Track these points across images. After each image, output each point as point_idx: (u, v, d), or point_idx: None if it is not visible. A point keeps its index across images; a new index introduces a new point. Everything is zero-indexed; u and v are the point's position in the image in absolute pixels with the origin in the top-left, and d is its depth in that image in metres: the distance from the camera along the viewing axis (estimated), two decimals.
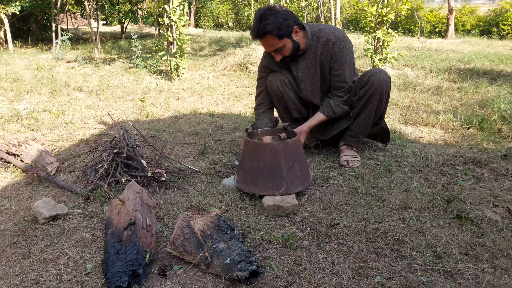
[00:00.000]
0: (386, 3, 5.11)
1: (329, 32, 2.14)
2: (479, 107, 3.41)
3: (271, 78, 2.32)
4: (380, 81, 2.11)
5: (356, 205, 1.76)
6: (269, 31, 1.99)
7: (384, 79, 2.12)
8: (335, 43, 2.11)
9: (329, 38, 2.12)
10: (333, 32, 2.14)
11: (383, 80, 2.12)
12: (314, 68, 2.21)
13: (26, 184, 2.03)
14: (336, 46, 2.12)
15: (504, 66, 5.73)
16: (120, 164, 1.96)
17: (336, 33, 2.13)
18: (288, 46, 2.08)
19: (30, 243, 1.50)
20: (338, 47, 2.12)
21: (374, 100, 2.15)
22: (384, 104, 2.22)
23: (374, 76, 2.12)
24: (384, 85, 2.12)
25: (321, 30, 2.15)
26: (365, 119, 2.22)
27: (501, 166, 2.13)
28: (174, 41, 5.05)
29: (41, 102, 3.80)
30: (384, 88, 2.13)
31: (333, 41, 2.11)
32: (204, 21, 19.42)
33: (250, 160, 1.83)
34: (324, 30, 2.15)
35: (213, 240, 1.36)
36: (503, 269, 1.31)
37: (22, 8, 8.43)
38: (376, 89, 2.12)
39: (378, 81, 2.11)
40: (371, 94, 2.13)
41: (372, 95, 2.13)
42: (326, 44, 2.13)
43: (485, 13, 13.46)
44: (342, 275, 1.29)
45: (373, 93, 2.13)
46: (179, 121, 3.23)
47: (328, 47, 2.13)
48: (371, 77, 2.12)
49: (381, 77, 2.12)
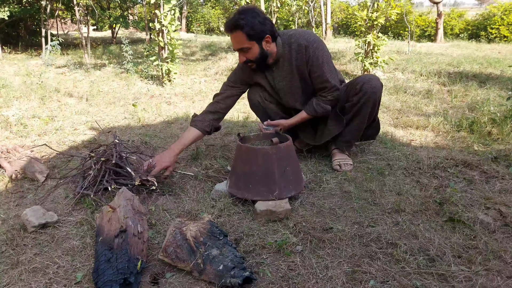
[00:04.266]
0: (376, 7, 5.15)
1: (299, 37, 2.10)
2: (469, 110, 3.44)
3: (250, 94, 2.34)
4: (373, 88, 2.11)
5: (349, 209, 1.76)
6: (240, 27, 1.95)
7: (378, 86, 2.12)
8: (307, 46, 2.07)
9: (301, 42, 2.08)
10: (303, 36, 2.09)
11: (377, 87, 2.12)
12: (291, 75, 2.17)
13: (14, 192, 1.99)
14: (309, 49, 2.07)
15: (492, 69, 5.80)
16: (108, 172, 1.93)
17: (306, 36, 2.09)
18: (254, 50, 2.03)
19: (18, 252, 1.47)
20: (311, 49, 2.07)
21: (368, 107, 2.15)
22: (376, 109, 2.23)
23: (368, 84, 2.11)
24: (377, 92, 2.12)
25: (291, 36, 2.11)
26: (359, 125, 2.22)
27: (491, 168, 2.14)
28: (165, 46, 5.03)
29: (31, 108, 3.75)
30: (377, 95, 2.13)
31: (305, 44, 2.07)
32: (196, 26, 19.43)
33: (243, 165, 1.82)
34: (294, 36, 2.11)
35: (206, 247, 1.34)
36: (496, 271, 1.31)
37: (11, 13, 8.36)
38: (370, 96, 2.11)
39: (371, 89, 2.10)
40: (365, 101, 2.13)
41: (366, 102, 2.13)
42: (299, 50, 2.09)
43: (473, 17, 13.65)
44: (336, 279, 1.29)
45: (367, 100, 2.12)
46: (171, 126, 3.21)
47: (301, 52, 2.09)
48: (364, 84, 2.12)
49: (374, 84, 2.11)
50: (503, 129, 2.74)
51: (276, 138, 1.88)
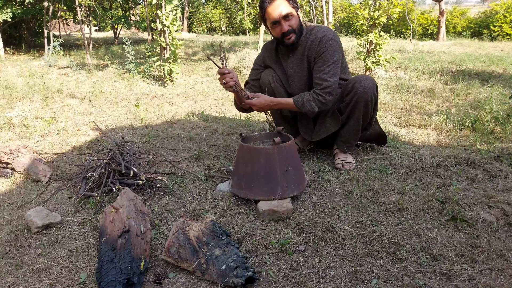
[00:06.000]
0: (378, 6, 5.14)
1: (319, 31, 2.16)
2: (472, 108, 3.43)
3: (264, 74, 2.37)
4: (364, 87, 2.10)
5: (352, 208, 1.76)
6: None
7: (369, 85, 2.11)
8: (322, 40, 2.12)
9: (318, 35, 2.14)
10: (323, 31, 2.15)
11: (368, 87, 2.10)
12: (302, 64, 2.22)
13: (18, 193, 2.00)
14: (322, 43, 2.12)
15: (495, 67, 5.78)
16: (112, 172, 1.94)
17: (326, 32, 2.14)
18: (296, 19, 2.12)
19: (22, 252, 1.47)
20: (324, 45, 2.11)
21: (360, 106, 2.14)
22: (371, 110, 2.20)
23: (359, 83, 2.11)
24: (368, 92, 2.11)
25: (314, 28, 2.19)
26: (354, 125, 2.22)
27: (494, 167, 2.14)
28: (167, 46, 5.04)
29: (34, 109, 3.77)
30: (369, 95, 2.11)
31: (320, 38, 2.13)
32: (197, 26, 19.45)
33: (245, 164, 1.82)
34: (317, 28, 2.18)
35: (209, 247, 1.34)
36: (499, 270, 1.31)
37: (13, 14, 8.39)
38: (361, 96, 2.11)
39: (362, 88, 2.10)
40: (356, 101, 2.13)
41: (358, 102, 2.13)
42: (314, 41, 2.15)
43: (476, 15, 13.61)
44: (338, 279, 1.29)
45: (358, 100, 2.12)
46: (173, 127, 3.22)
47: (315, 44, 2.14)
48: (355, 84, 2.12)
49: (365, 84, 2.10)
50: (506, 128, 2.73)
51: (278, 138, 1.88)
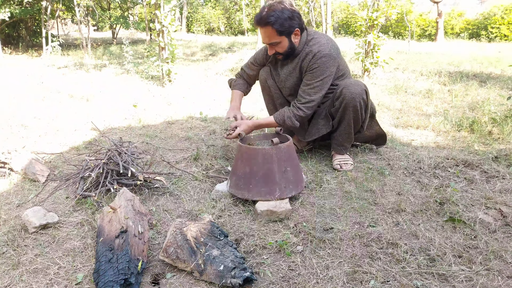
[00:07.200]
0: (377, 7, 5.15)
1: (316, 44, 2.11)
2: (470, 110, 3.44)
3: (262, 71, 2.43)
4: (352, 93, 2.09)
5: (350, 209, 1.76)
6: (271, 23, 2.01)
7: (357, 91, 2.09)
8: (316, 56, 2.08)
9: (313, 50, 2.09)
10: (319, 45, 2.09)
11: (356, 93, 2.09)
12: (294, 72, 2.22)
13: (15, 193, 2.00)
14: (315, 59, 2.08)
15: (493, 68, 5.80)
16: (110, 172, 1.94)
17: (322, 48, 2.08)
18: (284, 44, 2.10)
19: (19, 252, 1.47)
20: (317, 61, 2.08)
21: (349, 112, 2.14)
22: (362, 114, 2.19)
23: (347, 89, 2.10)
24: (356, 97, 2.09)
25: (312, 39, 2.14)
26: (346, 129, 2.22)
27: (492, 168, 2.14)
28: (166, 46, 5.03)
29: (31, 109, 3.76)
30: (357, 101, 2.10)
31: (314, 54, 2.09)
32: (196, 26, 19.44)
33: (243, 165, 1.82)
34: (314, 40, 2.13)
35: (206, 247, 1.34)
36: (497, 271, 1.31)
37: (11, 14, 8.37)
38: (349, 102, 2.10)
39: (350, 94, 2.09)
40: (345, 106, 2.13)
41: (346, 107, 2.13)
42: (308, 54, 2.11)
43: (474, 17, 13.65)
44: (336, 280, 1.29)
45: (347, 105, 2.12)
46: (172, 127, 3.21)
47: (308, 58, 2.11)
48: (343, 89, 2.11)
49: (353, 90, 2.09)
50: (504, 129, 2.73)
51: (276, 138, 1.88)
